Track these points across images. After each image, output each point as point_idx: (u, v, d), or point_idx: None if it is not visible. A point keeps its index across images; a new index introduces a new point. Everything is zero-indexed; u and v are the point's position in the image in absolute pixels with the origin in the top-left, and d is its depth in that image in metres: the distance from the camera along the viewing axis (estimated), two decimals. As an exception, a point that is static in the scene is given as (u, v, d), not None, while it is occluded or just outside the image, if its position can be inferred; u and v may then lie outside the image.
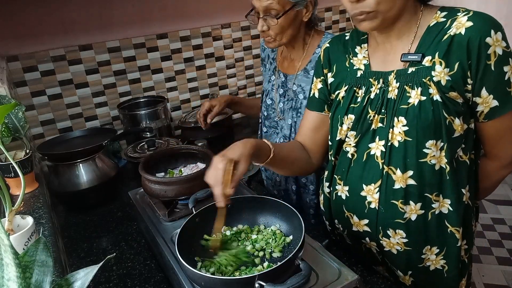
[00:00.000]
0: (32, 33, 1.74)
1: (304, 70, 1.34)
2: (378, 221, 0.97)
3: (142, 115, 1.88)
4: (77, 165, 1.45)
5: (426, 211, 0.93)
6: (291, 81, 1.37)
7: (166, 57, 2.08)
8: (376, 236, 1.00)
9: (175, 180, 1.13)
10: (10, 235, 0.80)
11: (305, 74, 1.34)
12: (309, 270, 0.77)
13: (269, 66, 1.44)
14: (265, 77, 1.46)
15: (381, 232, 0.98)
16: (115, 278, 1.12)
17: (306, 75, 1.34)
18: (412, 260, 0.98)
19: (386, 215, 0.95)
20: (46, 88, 1.81)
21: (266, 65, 1.45)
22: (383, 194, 0.94)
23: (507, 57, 0.84)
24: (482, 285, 2.19)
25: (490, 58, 0.82)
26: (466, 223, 0.98)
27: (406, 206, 0.93)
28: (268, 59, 1.45)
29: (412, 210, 0.93)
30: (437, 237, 0.95)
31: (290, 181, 1.48)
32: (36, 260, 0.57)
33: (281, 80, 1.39)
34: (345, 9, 0.93)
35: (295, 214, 0.92)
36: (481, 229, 2.62)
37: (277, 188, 1.54)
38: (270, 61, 1.44)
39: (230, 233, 0.98)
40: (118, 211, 1.48)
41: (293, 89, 1.36)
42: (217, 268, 0.87)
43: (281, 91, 1.40)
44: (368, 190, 0.97)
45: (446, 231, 0.95)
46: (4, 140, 1.17)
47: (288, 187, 1.49)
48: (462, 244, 0.99)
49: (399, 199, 0.92)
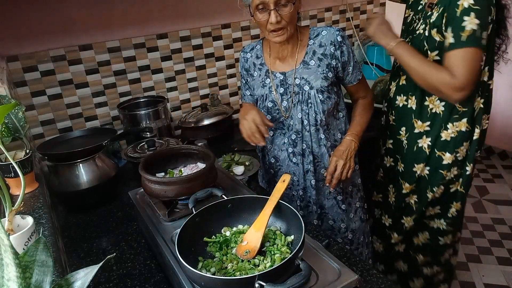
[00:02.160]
0: (32, 33, 1.74)
1: (303, 63, 1.38)
2: None
3: (142, 115, 1.88)
4: (77, 165, 1.45)
5: None
6: (291, 77, 1.39)
7: (166, 57, 2.08)
8: None
9: (175, 180, 1.12)
10: (10, 235, 0.80)
11: (305, 66, 1.38)
12: (309, 270, 0.77)
13: (259, 72, 1.45)
14: (255, 85, 1.47)
15: None
16: (115, 278, 1.12)
17: (306, 66, 1.37)
18: None
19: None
20: (46, 88, 1.81)
21: (254, 74, 1.46)
22: None
23: (470, 11, 1.25)
24: (482, 285, 2.19)
25: (458, 7, 1.27)
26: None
27: None
28: (255, 67, 1.46)
29: None
30: None
31: (308, 177, 1.47)
32: (36, 260, 0.57)
33: (279, 79, 1.41)
34: (345, 9, 0.92)
35: (295, 214, 0.92)
36: (481, 229, 2.62)
37: (295, 189, 1.52)
38: (259, 67, 1.45)
39: (230, 233, 0.98)
40: (118, 211, 1.48)
41: (296, 83, 1.38)
42: (218, 269, 0.87)
43: (282, 90, 1.41)
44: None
45: None
46: (4, 140, 1.17)
47: (307, 183, 1.48)
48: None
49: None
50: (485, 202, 2.91)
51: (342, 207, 1.51)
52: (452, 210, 1.63)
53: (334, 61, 1.36)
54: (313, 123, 1.39)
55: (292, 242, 0.93)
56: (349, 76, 1.42)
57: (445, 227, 1.67)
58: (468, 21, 1.26)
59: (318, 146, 1.43)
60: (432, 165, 1.56)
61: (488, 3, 1.28)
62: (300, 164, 1.46)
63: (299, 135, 1.42)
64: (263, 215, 0.94)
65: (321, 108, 1.37)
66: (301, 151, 1.44)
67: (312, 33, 1.39)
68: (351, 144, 1.39)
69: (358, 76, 1.43)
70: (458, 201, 1.62)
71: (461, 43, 1.29)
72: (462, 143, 1.51)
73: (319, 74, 1.36)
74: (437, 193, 1.60)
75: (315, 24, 2.56)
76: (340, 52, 1.35)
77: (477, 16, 1.26)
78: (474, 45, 1.28)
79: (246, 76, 1.50)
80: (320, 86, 1.36)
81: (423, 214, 1.68)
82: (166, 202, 1.16)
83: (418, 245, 1.76)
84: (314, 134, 1.41)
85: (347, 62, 1.38)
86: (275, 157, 1.52)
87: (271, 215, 0.94)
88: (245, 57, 1.49)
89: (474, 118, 1.49)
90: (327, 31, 1.36)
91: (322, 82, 1.36)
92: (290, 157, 1.47)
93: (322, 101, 1.36)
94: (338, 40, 1.35)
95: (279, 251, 0.89)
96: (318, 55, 1.36)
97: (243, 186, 1.27)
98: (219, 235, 0.98)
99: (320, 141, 1.42)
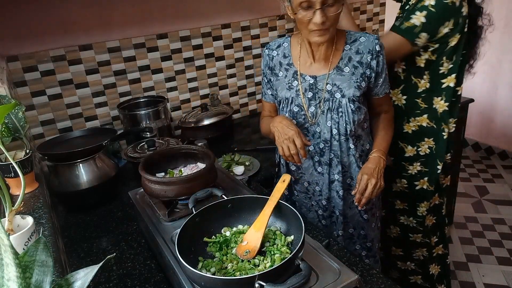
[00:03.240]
0: (32, 33, 1.74)
1: (336, 68, 1.30)
2: None
3: (142, 115, 1.88)
4: (77, 165, 1.45)
5: None
6: (322, 82, 1.31)
7: (166, 57, 2.08)
8: None
9: (175, 180, 1.12)
10: (10, 235, 0.80)
11: (339, 72, 1.30)
12: (309, 270, 0.77)
13: (285, 73, 1.36)
14: (279, 86, 1.38)
15: None
16: (115, 278, 1.12)
17: (340, 72, 1.30)
18: None
19: None
20: (46, 88, 1.81)
21: (279, 73, 1.37)
22: None
23: (424, 9, 1.36)
24: (482, 285, 2.19)
25: (421, 2, 1.37)
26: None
27: None
28: (281, 67, 1.37)
29: None
30: None
31: (334, 187, 1.40)
32: (36, 260, 0.57)
33: (309, 82, 1.33)
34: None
35: (295, 214, 0.92)
36: (481, 229, 2.62)
37: (315, 199, 1.45)
38: (285, 67, 1.36)
39: (230, 233, 0.98)
40: (118, 211, 1.48)
41: (327, 89, 1.31)
42: (218, 269, 0.87)
43: (310, 95, 1.33)
44: None
45: None
46: (4, 140, 1.17)
47: (332, 194, 1.41)
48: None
49: None
50: (485, 202, 2.91)
51: (364, 216, 1.46)
52: (421, 210, 1.69)
53: (369, 70, 1.28)
54: (343, 132, 1.31)
55: (292, 242, 0.93)
56: (378, 88, 1.34)
57: (415, 225, 1.73)
58: (417, 16, 1.38)
59: (346, 156, 1.36)
60: (396, 155, 1.65)
61: (446, 16, 1.37)
62: (326, 174, 1.39)
63: (327, 144, 1.34)
64: (263, 215, 0.94)
65: (352, 118, 1.29)
66: (328, 161, 1.37)
67: (348, 38, 1.30)
68: (380, 161, 1.32)
69: (386, 90, 1.36)
70: (428, 201, 1.67)
71: (398, 29, 1.42)
72: (423, 138, 1.59)
73: (352, 82, 1.28)
74: (401, 186, 1.68)
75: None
76: (376, 62, 1.28)
77: (427, 16, 1.37)
78: (405, 36, 1.41)
79: (270, 75, 1.40)
80: (352, 95, 1.28)
81: (392, 206, 1.75)
82: (166, 202, 1.16)
83: (390, 237, 1.84)
84: (343, 143, 1.34)
85: (380, 74, 1.31)
86: (297, 165, 1.43)
87: (271, 215, 0.94)
88: (271, 54, 1.38)
89: (438, 117, 1.56)
90: (366, 38, 1.28)
91: (354, 91, 1.28)
92: (315, 166, 1.40)
93: (353, 111, 1.29)
94: (377, 49, 1.27)
95: (279, 251, 0.89)
96: (354, 62, 1.28)
97: (243, 186, 1.27)
98: (219, 235, 0.98)
99: (349, 151, 1.36)
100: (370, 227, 1.48)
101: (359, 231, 1.48)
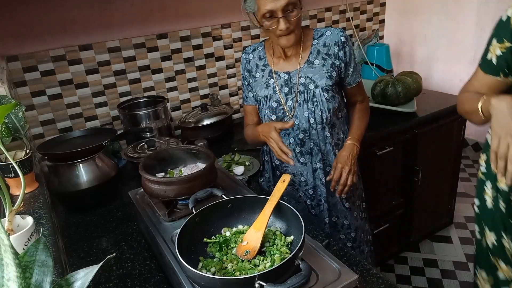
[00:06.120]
0: (32, 33, 1.74)
1: (307, 62, 1.40)
2: None
3: (142, 115, 1.88)
4: (77, 165, 1.45)
5: None
6: (295, 76, 1.41)
7: (166, 57, 2.08)
8: None
9: (175, 180, 1.12)
10: (10, 235, 0.80)
11: (310, 65, 1.40)
12: (309, 270, 0.77)
13: (262, 73, 1.46)
14: (257, 86, 1.47)
15: None
16: (115, 278, 1.12)
17: (310, 65, 1.40)
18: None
19: None
20: (46, 88, 1.81)
21: (256, 75, 1.47)
22: None
23: None
24: (482, 285, 2.19)
25: None
26: None
27: None
28: (257, 68, 1.47)
29: None
30: None
31: (318, 175, 1.48)
32: (36, 260, 0.57)
33: (284, 79, 1.42)
34: (345, 9, 0.93)
35: (295, 214, 0.92)
36: (481, 229, 2.62)
37: (302, 190, 1.53)
38: (262, 68, 1.46)
39: (230, 234, 0.98)
40: (118, 211, 1.48)
41: (300, 82, 1.40)
42: (218, 269, 0.87)
43: (286, 90, 1.42)
44: None
45: None
46: (4, 140, 1.17)
47: (316, 182, 1.49)
48: None
49: None
50: (485, 202, 2.91)
51: (346, 205, 1.52)
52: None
53: (338, 61, 1.39)
54: (319, 121, 1.41)
55: (292, 242, 0.93)
56: (349, 77, 1.44)
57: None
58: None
59: (324, 144, 1.45)
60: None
61: None
62: (309, 163, 1.47)
63: (306, 134, 1.43)
64: (263, 215, 0.94)
65: (327, 107, 1.39)
66: (309, 150, 1.45)
67: (316, 34, 1.42)
68: (354, 148, 1.41)
69: (358, 79, 1.46)
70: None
71: None
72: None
73: (323, 73, 1.38)
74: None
75: (315, 24, 2.56)
76: (343, 53, 1.38)
77: None
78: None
79: (248, 78, 1.51)
80: (325, 85, 1.38)
81: None
82: (166, 202, 1.16)
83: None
84: (320, 132, 1.43)
85: (348, 63, 1.41)
86: (279, 159, 1.50)
87: (271, 215, 0.94)
88: (247, 58, 1.50)
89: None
90: (331, 32, 1.39)
91: (327, 81, 1.38)
92: (297, 157, 1.47)
93: (328, 100, 1.38)
94: (342, 40, 1.38)
95: (279, 251, 0.89)
96: (322, 54, 1.39)
97: (243, 186, 1.27)
98: (219, 235, 0.98)
99: (326, 139, 1.44)
100: (352, 216, 1.55)
101: (343, 221, 1.55)
